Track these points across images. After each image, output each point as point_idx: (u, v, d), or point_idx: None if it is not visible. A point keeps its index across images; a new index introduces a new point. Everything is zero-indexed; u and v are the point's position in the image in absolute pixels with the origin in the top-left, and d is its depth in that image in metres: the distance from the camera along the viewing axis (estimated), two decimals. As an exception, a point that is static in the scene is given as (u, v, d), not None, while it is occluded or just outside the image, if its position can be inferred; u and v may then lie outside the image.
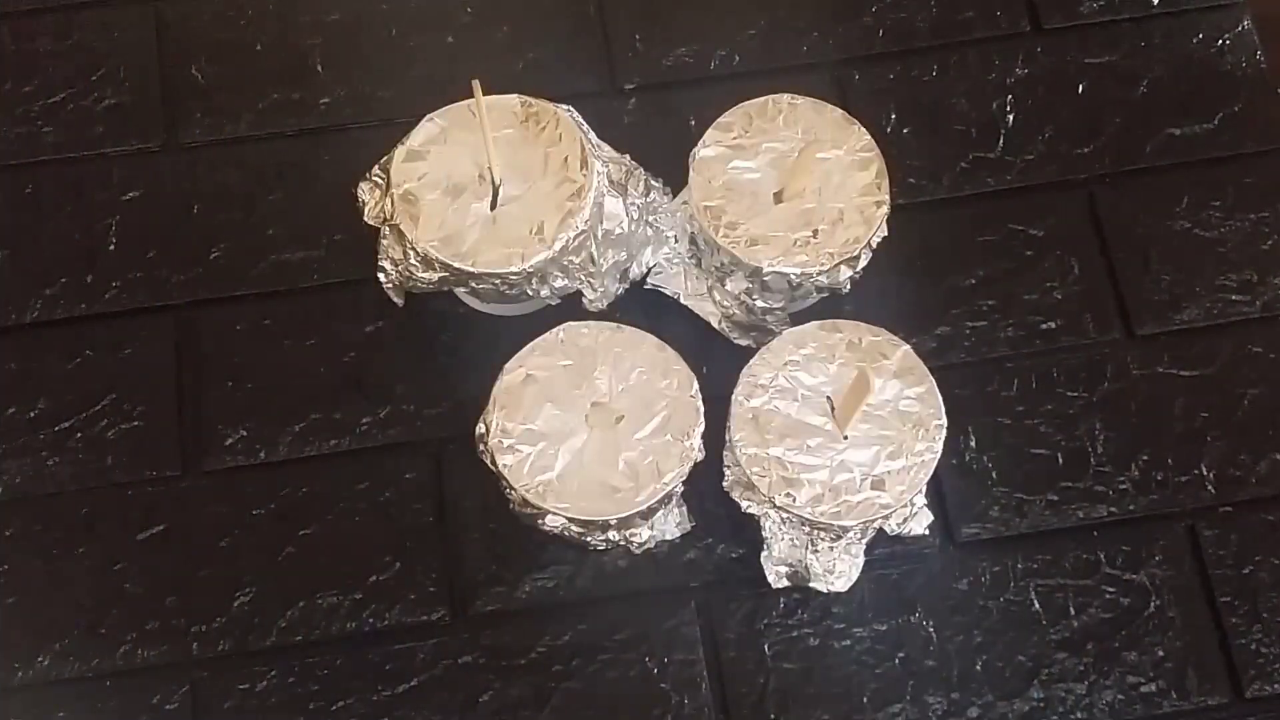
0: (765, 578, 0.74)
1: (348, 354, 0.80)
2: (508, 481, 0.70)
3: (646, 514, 0.71)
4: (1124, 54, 0.88)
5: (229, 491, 0.77)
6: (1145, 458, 0.78)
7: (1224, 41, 0.88)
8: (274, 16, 0.89)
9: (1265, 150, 0.86)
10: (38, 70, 0.87)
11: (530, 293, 0.75)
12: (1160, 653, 0.74)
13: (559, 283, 0.75)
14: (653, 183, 0.79)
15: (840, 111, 0.77)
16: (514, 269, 0.73)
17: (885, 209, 0.75)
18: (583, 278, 0.76)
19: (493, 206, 0.74)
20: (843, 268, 0.75)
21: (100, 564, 0.75)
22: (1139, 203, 0.84)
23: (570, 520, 0.70)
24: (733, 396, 0.71)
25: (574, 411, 0.71)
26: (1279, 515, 0.77)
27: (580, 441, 0.70)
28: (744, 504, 0.72)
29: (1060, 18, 0.89)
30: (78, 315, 0.81)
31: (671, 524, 0.74)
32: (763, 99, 0.77)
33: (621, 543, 0.72)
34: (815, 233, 0.74)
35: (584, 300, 0.77)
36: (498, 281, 0.74)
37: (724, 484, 0.72)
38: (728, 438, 0.71)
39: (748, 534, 0.74)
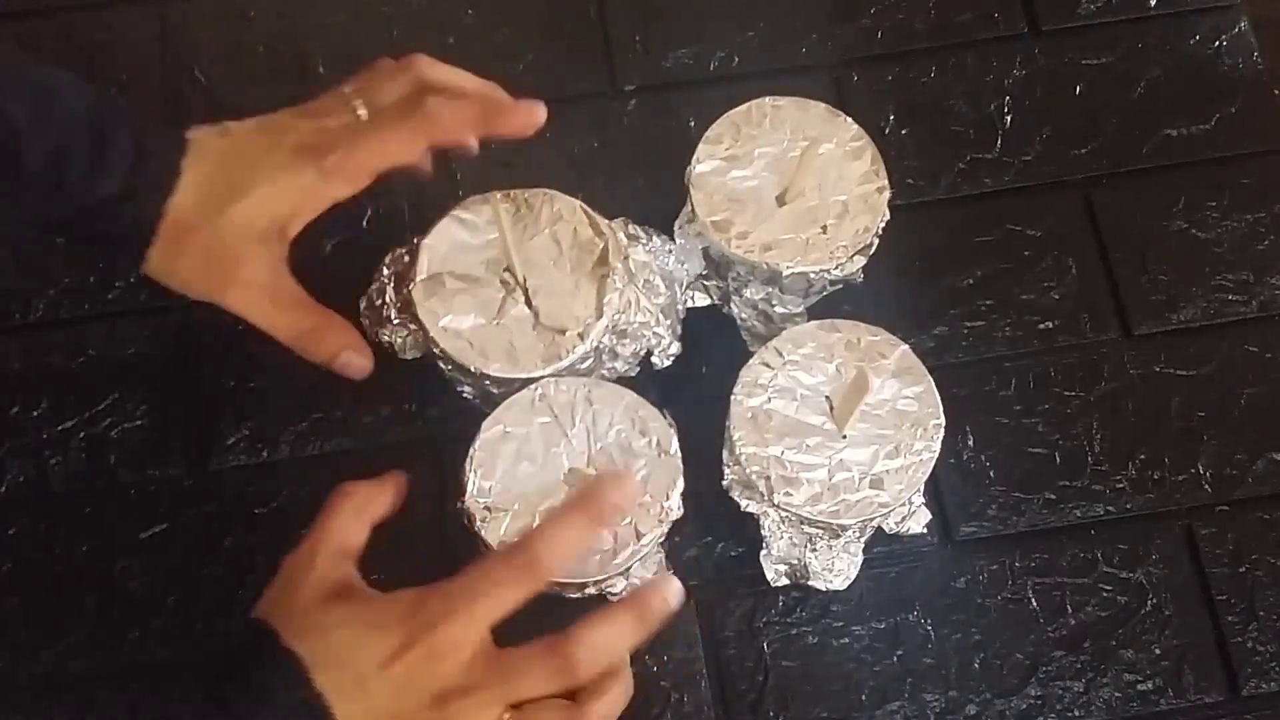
0: (764, 576, 0.74)
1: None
2: (485, 544, 0.68)
3: (625, 572, 0.70)
4: (1121, 55, 0.88)
5: (232, 490, 0.77)
6: (1142, 457, 0.79)
7: (1221, 42, 0.88)
8: (276, 17, 0.89)
9: (1262, 151, 0.86)
10: (40, 71, 0.87)
11: (606, 372, 0.74)
12: (1157, 650, 0.75)
13: (629, 349, 0.74)
14: (652, 231, 0.78)
15: (824, 106, 0.78)
16: (580, 352, 0.71)
17: (887, 193, 0.75)
18: (647, 333, 0.75)
19: (529, 305, 0.73)
20: (857, 258, 0.75)
21: (103, 563, 0.76)
22: (1136, 203, 0.85)
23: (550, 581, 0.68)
24: (732, 396, 0.71)
25: (551, 470, 0.69)
26: (1275, 514, 0.77)
27: (557, 502, 0.69)
28: (743, 503, 0.72)
29: (1057, 19, 0.89)
30: (80, 315, 0.81)
31: (649, 574, 0.72)
32: (745, 106, 0.78)
33: (596, 594, 0.70)
34: (824, 228, 0.75)
35: (653, 360, 0.76)
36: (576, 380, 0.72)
37: (723, 483, 0.73)
38: (727, 437, 0.72)
39: (747, 533, 0.74)
